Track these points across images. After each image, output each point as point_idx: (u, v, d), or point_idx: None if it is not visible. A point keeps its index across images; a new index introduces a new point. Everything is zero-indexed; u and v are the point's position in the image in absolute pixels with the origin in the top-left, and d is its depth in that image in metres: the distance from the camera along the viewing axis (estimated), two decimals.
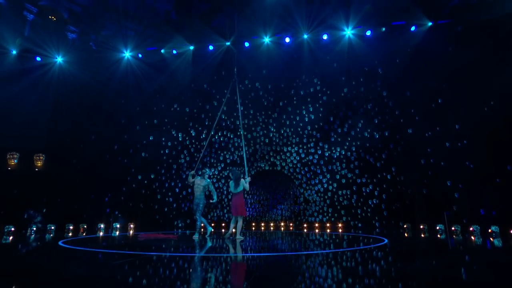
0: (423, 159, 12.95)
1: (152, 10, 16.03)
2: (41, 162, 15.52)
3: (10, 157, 14.94)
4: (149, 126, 15.45)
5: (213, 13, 15.60)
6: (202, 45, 15.23)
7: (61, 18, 15.69)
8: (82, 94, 15.03)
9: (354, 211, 13.65)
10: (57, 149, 15.18)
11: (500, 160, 11.68)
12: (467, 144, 12.47)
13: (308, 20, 14.13)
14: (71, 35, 16.07)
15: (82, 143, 15.25)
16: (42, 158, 15.54)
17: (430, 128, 13.13)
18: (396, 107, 13.78)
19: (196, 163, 11.99)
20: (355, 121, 14.19)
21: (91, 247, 7.31)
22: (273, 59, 14.80)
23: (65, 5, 15.33)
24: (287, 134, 14.90)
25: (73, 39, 16.14)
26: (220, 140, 15.21)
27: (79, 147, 15.22)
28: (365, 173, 13.74)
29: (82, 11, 15.62)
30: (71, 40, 16.07)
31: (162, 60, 15.44)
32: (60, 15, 15.69)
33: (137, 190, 15.05)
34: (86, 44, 16.18)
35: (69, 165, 15.01)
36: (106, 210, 15.01)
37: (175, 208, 15.02)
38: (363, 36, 14.05)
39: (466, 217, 11.77)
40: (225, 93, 12.71)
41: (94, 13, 15.72)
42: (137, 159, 15.16)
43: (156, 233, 11.68)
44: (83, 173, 14.74)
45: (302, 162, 14.57)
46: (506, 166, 11.84)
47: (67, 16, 15.72)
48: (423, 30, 13.55)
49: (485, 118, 11.98)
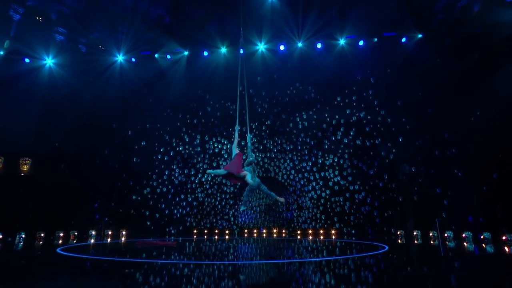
0: (414, 167, 13.28)
1: (145, 14, 15.92)
2: (27, 166, 15.02)
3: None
4: (142, 131, 15.24)
5: (207, 19, 15.61)
6: (197, 50, 15.19)
7: (48, 19, 15.32)
8: (73, 97, 14.69)
9: (347, 218, 13.82)
10: (45, 153, 14.72)
11: (487, 168, 12.11)
12: (456, 153, 12.89)
13: (302, 29, 14.35)
14: (59, 36, 15.72)
15: (71, 147, 14.84)
16: (28, 162, 15.04)
17: (420, 136, 13.49)
18: (387, 116, 14.11)
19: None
20: (347, 129, 14.43)
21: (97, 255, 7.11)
22: (268, 66, 14.93)
23: (53, 6, 15.00)
24: (280, 141, 14.99)
25: (61, 41, 15.78)
26: (214, 146, 15.16)
27: (68, 151, 14.81)
28: (357, 180, 13.96)
29: (72, 12, 15.31)
30: (59, 42, 15.71)
31: (156, 65, 15.30)
32: (47, 16, 15.32)
33: (128, 196, 14.77)
34: (75, 46, 15.86)
35: (57, 169, 14.58)
36: (95, 216, 14.64)
37: (167, 215, 14.80)
38: (356, 45, 14.39)
39: (455, 224, 12.12)
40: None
41: (83, 15, 15.43)
42: (128, 165, 14.89)
43: (153, 240, 11.49)
44: (71, 178, 14.35)
45: (296, 168, 14.67)
46: (492, 174, 12.28)
47: (55, 17, 15.39)
48: (413, 41, 13.99)
49: (472, 128, 12.43)
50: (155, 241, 11.15)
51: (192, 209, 14.81)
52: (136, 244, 10.18)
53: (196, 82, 15.38)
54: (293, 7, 14.17)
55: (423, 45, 13.76)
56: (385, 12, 14.13)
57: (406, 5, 14.11)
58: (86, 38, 15.77)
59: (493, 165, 12.09)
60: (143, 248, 9.15)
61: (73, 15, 15.21)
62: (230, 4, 14.63)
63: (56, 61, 15.01)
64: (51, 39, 15.24)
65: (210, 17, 15.28)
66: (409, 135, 13.60)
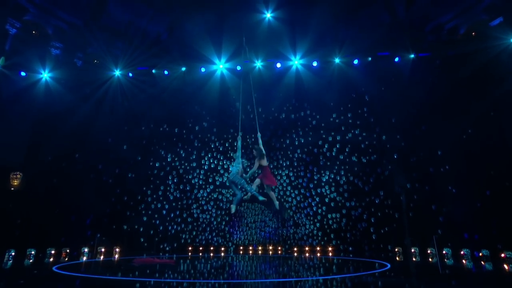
0: (409, 183, 13.42)
1: (143, 31, 16.08)
2: (17, 181, 14.66)
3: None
4: (137, 146, 15.12)
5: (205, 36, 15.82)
6: (194, 67, 15.30)
7: (45, 34, 15.31)
8: (68, 111, 14.56)
9: (344, 235, 13.78)
10: (37, 167, 14.41)
11: (480, 185, 12.31)
12: (449, 170, 13.09)
13: (298, 47, 14.66)
14: (54, 51, 15.70)
15: (65, 161, 14.60)
16: (19, 176, 14.69)
17: (414, 153, 13.70)
18: (382, 133, 14.33)
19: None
20: (343, 146, 14.58)
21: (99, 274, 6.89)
22: (264, 83, 15.11)
23: (50, 21, 15.03)
24: (277, 157, 15.04)
25: (56, 55, 15.74)
26: (210, 162, 15.10)
27: (61, 165, 14.55)
28: (353, 197, 14.02)
29: (68, 28, 15.35)
30: (55, 56, 15.67)
31: (153, 80, 15.32)
32: (44, 31, 15.31)
33: (122, 212, 14.49)
34: (72, 60, 15.84)
35: (49, 184, 14.26)
36: (87, 233, 14.28)
37: (162, 231, 14.54)
38: (351, 64, 14.70)
39: (451, 241, 12.19)
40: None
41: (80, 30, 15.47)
42: (123, 180, 14.69)
43: (151, 258, 11.21)
44: (64, 193, 14.04)
45: (292, 185, 14.67)
46: (486, 191, 12.48)
47: (51, 32, 15.40)
48: (406, 61, 14.36)
49: (465, 145, 12.71)
50: (153, 258, 10.89)
51: (187, 225, 14.60)
52: (133, 261, 9.92)
53: (192, 98, 15.43)
54: (289, 26, 14.54)
55: (415, 64, 14.14)
56: (378, 32, 14.61)
57: (398, 26, 14.60)
58: (83, 53, 15.81)
59: (486, 182, 12.31)
60: (141, 266, 8.93)
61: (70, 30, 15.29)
62: (228, 22, 14.97)
63: (54, 74, 14.90)
64: (47, 53, 15.21)
65: (207, 34, 15.51)
66: (404, 152, 13.80)
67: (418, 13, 14.38)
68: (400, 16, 14.85)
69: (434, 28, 14.30)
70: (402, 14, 14.78)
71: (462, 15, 13.33)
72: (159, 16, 15.47)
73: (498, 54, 12.50)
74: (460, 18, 13.51)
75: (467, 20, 13.41)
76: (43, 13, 14.35)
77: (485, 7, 12.74)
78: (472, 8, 13.01)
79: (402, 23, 14.73)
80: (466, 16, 13.30)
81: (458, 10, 13.31)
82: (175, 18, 15.45)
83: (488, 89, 12.50)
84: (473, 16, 13.19)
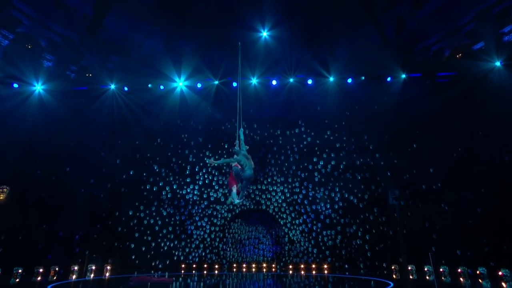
0: (403, 200, 13.59)
1: (139, 45, 16.15)
2: (3, 195, 14.16)
3: None
4: (131, 160, 14.89)
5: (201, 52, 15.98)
6: (191, 82, 15.34)
7: (38, 46, 15.18)
8: (61, 123, 14.31)
9: (339, 252, 13.74)
10: (25, 181, 13.98)
11: (471, 203, 12.55)
12: (441, 187, 13.33)
13: (294, 65, 14.95)
14: (46, 63, 15.57)
15: (54, 175, 14.22)
16: (6, 190, 14.20)
17: (407, 170, 13.93)
18: (376, 150, 14.57)
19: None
20: (338, 162, 14.72)
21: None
22: (260, 100, 15.25)
23: (44, 33, 14.95)
24: (272, 173, 15.04)
25: (48, 67, 15.59)
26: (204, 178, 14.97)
27: (50, 179, 14.16)
28: (348, 214, 14.07)
29: (62, 40, 15.29)
30: (47, 68, 15.52)
31: (149, 95, 15.26)
32: (37, 43, 15.18)
33: (113, 228, 14.11)
34: (64, 73, 15.71)
35: (37, 199, 13.83)
36: (75, 249, 13.81)
37: (154, 248, 14.18)
38: (345, 83, 15.02)
39: (445, 258, 12.30)
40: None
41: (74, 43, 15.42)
42: (115, 194, 14.38)
43: (148, 276, 10.85)
44: (52, 208, 13.63)
45: (287, 201, 14.65)
46: (476, 208, 12.73)
47: (45, 44, 15.30)
48: (398, 81, 14.77)
49: (455, 163, 13.01)
50: (150, 277, 10.58)
51: (180, 242, 14.30)
52: (130, 280, 9.61)
53: (188, 113, 15.40)
54: (286, 45, 14.89)
55: (407, 84, 14.53)
56: (371, 52, 15.09)
57: (389, 48, 15.12)
58: (77, 66, 15.73)
59: (477, 199, 12.56)
60: (138, 285, 8.66)
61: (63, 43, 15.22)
62: (224, 39, 15.19)
63: (47, 87, 14.67)
64: (38, 65, 15.04)
65: (204, 50, 15.69)
66: (397, 169, 14.03)
67: (407, 35, 14.99)
68: (390, 38, 15.45)
69: (422, 50, 14.88)
70: (392, 36, 15.38)
71: (446, 38, 13.95)
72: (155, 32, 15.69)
73: (485, 75, 12.92)
74: (444, 42, 14.13)
75: (451, 44, 14.03)
76: (37, 25, 14.35)
77: (467, 32, 13.38)
78: (455, 32, 13.65)
79: (392, 45, 15.31)
80: (450, 40, 13.92)
81: (443, 33, 13.94)
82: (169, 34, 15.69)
83: (477, 110, 12.86)
84: (457, 40, 13.82)
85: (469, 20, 13.19)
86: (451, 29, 13.77)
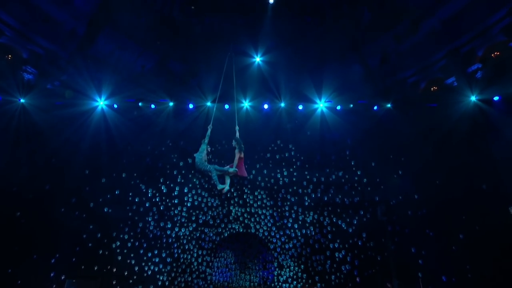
0: (390, 226, 13.89)
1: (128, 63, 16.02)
2: None
3: None
4: (117, 179, 14.37)
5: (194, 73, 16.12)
6: (182, 102, 15.28)
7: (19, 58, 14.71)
8: (44, 139, 13.70)
9: (328, 277, 13.66)
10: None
11: (454, 228, 13.02)
12: (426, 213, 13.78)
13: (285, 91, 15.36)
14: (27, 75, 15.07)
15: (32, 193, 13.39)
16: None
17: (394, 196, 14.35)
18: (363, 176, 14.96)
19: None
20: (327, 187, 14.94)
21: None
22: (251, 123, 15.41)
23: (27, 46, 14.56)
24: (261, 196, 14.99)
25: (29, 80, 15.09)
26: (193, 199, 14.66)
27: (27, 197, 13.31)
28: (337, 238, 14.14)
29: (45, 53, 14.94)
30: (27, 80, 15.01)
31: (138, 113, 15.03)
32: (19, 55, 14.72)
33: (93, 250, 13.34)
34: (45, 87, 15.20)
35: (10, 218, 12.88)
36: (50, 274, 12.88)
37: (137, 272, 13.47)
38: (334, 109, 15.53)
39: (431, 283, 12.55)
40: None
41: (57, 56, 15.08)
42: (98, 215, 13.71)
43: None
44: (27, 228, 12.76)
45: (277, 225, 14.56)
46: (459, 235, 13.20)
47: (26, 56, 14.87)
48: (384, 109, 15.43)
49: (439, 189, 13.56)
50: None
51: (166, 266, 13.70)
52: None
53: (178, 133, 15.26)
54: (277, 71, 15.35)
55: (392, 113, 15.20)
56: (356, 82, 15.83)
57: (371, 78, 15.92)
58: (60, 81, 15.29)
59: (459, 226, 13.04)
60: None
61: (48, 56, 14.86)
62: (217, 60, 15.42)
63: (30, 101, 14.08)
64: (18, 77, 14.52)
65: (197, 71, 15.83)
66: (384, 194, 14.42)
67: (386, 66, 15.83)
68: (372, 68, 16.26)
69: (399, 82, 15.72)
70: (374, 66, 16.19)
71: (420, 72, 14.87)
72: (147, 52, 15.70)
73: (463, 108, 13.66)
74: (419, 75, 15.06)
75: (425, 77, 14.96)
76: (20, 38, 13.95)
77: (440, 67, 14.34)
78: (429, 67, 14.57)
79: (374, 75, 16.11)
80: (424, 73, 14.84)
81: (417, 67, 14.85)
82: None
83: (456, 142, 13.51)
84: (430, 74, 14.76)
85: (441, 56, 14.07)
86: (425, 64, 14.65)
